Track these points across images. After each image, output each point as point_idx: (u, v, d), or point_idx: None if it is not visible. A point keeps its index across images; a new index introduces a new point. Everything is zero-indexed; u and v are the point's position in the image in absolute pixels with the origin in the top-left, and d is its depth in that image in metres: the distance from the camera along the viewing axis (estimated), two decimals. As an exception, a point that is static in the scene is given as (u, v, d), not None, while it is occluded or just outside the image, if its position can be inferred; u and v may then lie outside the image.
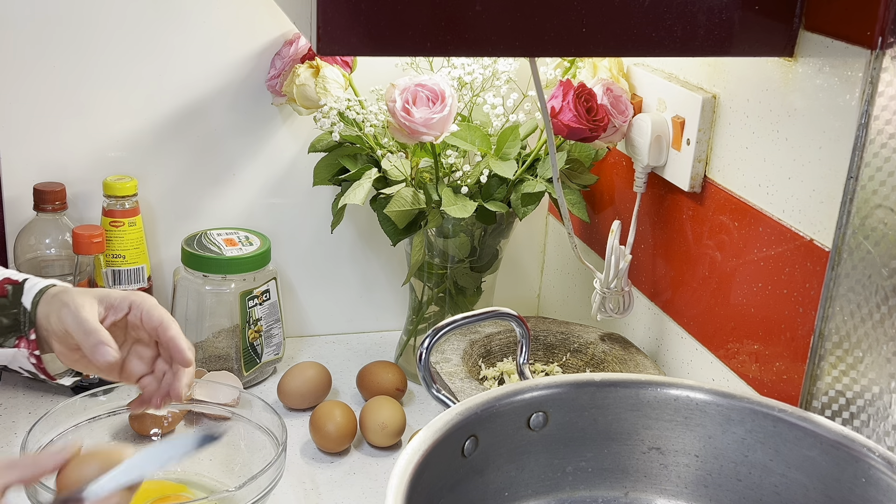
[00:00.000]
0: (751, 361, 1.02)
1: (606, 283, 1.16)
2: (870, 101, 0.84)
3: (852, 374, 0.89)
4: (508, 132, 1.17)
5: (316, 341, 1.40)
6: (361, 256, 1.40)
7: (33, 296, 0.91)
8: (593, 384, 0.91)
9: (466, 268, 1.26)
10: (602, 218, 1.29)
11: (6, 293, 0.92)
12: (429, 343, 0.89)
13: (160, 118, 1.26)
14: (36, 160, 1.23)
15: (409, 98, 1.09)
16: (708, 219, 1.07)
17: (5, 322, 0.92)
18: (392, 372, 1.23)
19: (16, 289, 0.92)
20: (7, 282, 0.93)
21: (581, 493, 0.92)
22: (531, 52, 0.90)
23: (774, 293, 0.97)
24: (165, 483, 1.05)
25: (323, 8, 0.77)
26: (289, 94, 1.22)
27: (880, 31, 0.82)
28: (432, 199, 1.17)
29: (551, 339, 1.20)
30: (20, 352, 0.92)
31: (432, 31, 0.81)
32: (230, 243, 1.24)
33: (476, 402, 0.85)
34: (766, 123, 0.97)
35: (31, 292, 0.92)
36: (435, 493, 0.81)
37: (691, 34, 0.86)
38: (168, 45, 1.23)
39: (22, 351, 0.92)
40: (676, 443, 0.91)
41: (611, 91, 1.13)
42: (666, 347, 1.17)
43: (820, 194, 0.91)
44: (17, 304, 0.91)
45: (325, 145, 1.24)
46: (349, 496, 1.08)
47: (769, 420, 0.87)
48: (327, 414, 1.13)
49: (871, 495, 0.80)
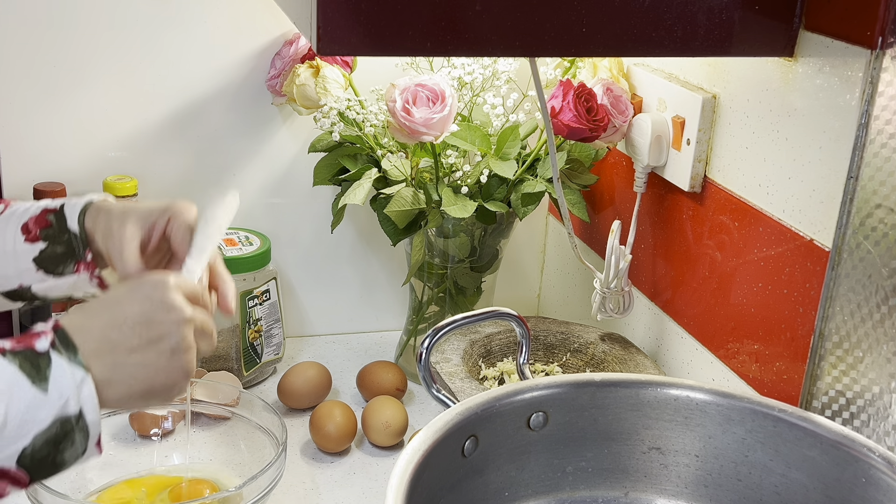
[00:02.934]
0: (751, 361, 1.02)
1: (606, 283, 1.16)
2: (870, 101, 0.84)
3: (852, 374, 0.89)
4: (508, 132, 1.17)
5: (316, 341, 1.40)
6: (361, 256, 1.40)
7: (77, 217, 0.90)
8: (593, 384, 0.91)
9: (466, 268, 1.26)
10: (602, 218, 1.29)
11: (50, 224, 0.90)
12: (429, 343, 0.89)
13: (160, 118, 1.26)
14: (36, 160, 1.23)
15: (409, 98, 1.09)
16: (708, 219, 1.07)
17: (60, 250, 0.89)
18: (392, 372, 1.23)
19: (58, 216, 0.90)
20: (46, 212, 0.91)
21: (581, 493, 0.92)
22: (531, 52, 0.90)
23: (774, 293, 0.97)
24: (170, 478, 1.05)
25: (323, 8, 0.77)
26: (289, 94, 1.22)
27: (880, 31, 0.82)
28: (432, 199, 1.17)
29: (551, 339, 1.20)
30: (81, 277, 0.90)
31: (432, 31, 0.81)
32: (230, 243, 1.24)
33: (476, 402, 0.85)
34: (766, 123, 0.97)
35: (73, 215, 0.90)
36: (435, 493, 0.81)
37: (691, 34, 0.86)
38: (168, 45, 1.23)
39: (83, 275, 0.90)
40: (676, 443, 0.91)
41: (611, 91, 1.13)
42: (666, 347, 1.17)
43: (820, 194, 0.91)
44: (64, 229, 0.89)
45: (325, 145, 1.24)
46: (349, 496, 1.08)
47: (769, 420, 0.87)
48: (327, 414, 1.13)
49: (871, 495, 0.80)
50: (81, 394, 0.70)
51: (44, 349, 0.70)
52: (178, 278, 0.78)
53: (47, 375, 0.69)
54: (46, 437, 0.69)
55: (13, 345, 0.70)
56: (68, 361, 0.70)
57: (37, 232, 0.90)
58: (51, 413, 0.69)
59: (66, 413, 0.70)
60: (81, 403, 0.70)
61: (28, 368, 0.69)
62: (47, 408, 0.69)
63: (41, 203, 0.92)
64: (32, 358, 0.70)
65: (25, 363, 0.69)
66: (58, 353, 0.70)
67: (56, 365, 0.70)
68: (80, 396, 0.70)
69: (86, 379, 0.71)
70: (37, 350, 0.70)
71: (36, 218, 0.90)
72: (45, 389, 0.69)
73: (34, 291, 0.91)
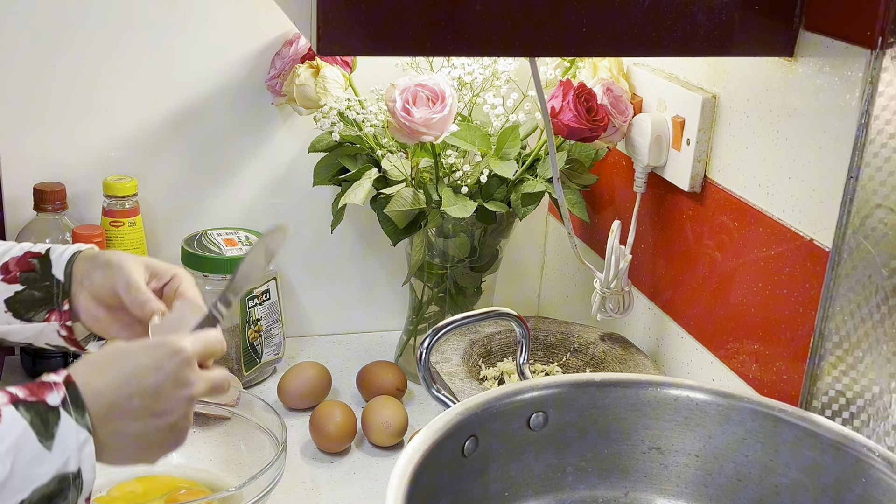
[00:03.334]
0: (751, 361, 1.02)
1: (606, 283, 1.16)
2: (870, 101, 0.84)
3: (852, 374, 0.89)
4: (508, 132, 1.17)
5: (316, 341, 1.40)
6: (361, 256, 1.40)
7: (64, 264, 0.90)
8: (593, 384, 0.91)
9: (466, 268, 1.26)
10: (602, 218, 1.29)
11: (33, 267, 0.90)
12: (429, 343, 0.89)
13: (160, 118, 1.26)
14: (36, 160, 1.23)
15: (409, 98, 1.09)
16: (708, 219, 1.07)
17: (37, 295, 0.89)
18: (392, 372, 1.23)
19: (42, 261, 0.90)
20: (29, 255, 0.90)
21: (581, 493, 0.92)
22: (531, 52, 0.90)
23: (774, 293, 0.97)
24: (175, 479, 1.05)
25: (323, 8, 0.77)
26: (289, 94, 1.22)
27: (880, 31, 0.82)
28: (432, 199, 1.17)
29: (551, 339, 1.20)
30: (49, 326, 0.90)
31: (432, 31, 0.81)
32: (230, 243, 1.24)
33: (476, 402, 0.85)
34: (766, 123, 0.97)
35: (60, 261, 0.90)
36: (435, 493, 0.81)
37: (691, 34, 0.86)
38: (168, 46, 1.23)
39: (52, 325, 0.90)
40: (676, 443, 0.91)
41: (611, 91, 1.13)
42: (666, 347, 1.17)
43: (820, 194, 0.91)
44: (48, 276, 0.89)
45: (325, 145, 1.24)
46: (349, 496, 1.08)
47: (769, 420, 0.87)
48: (327, 414, 1.13)
49: (871, 495, 0.80)
50: (83, 453, 0.72)
51: (55, 404, 0.71)
52: (198, 342, 0.79)
53: (54, 433, 0.70)
54: (44, 492, 0.70)
55: (26, 395, 0.71)
56: (76, 422, 0.71)
57: (17, 273, 0.90)
58: (52, 469, 0.70)
59: (66, 471, 0.71)
60: (81, 463, 0.72)
61: (38, 425, 0.70)
62: (49, 464, 0.70)
63: (23, 245, 0.92)
64: (43, 413, 0.70)
65: (36, 419, 0.70)
66: (67, 412, 0.71)
67: (64, 423, 0.71)
68: (81, 456, 0.71)
69: (89, 440, 0.72)
70: (48, 404, 0.71)
71: (18, 259, 0.90)
72: (49, 447, 0.70)
73: None
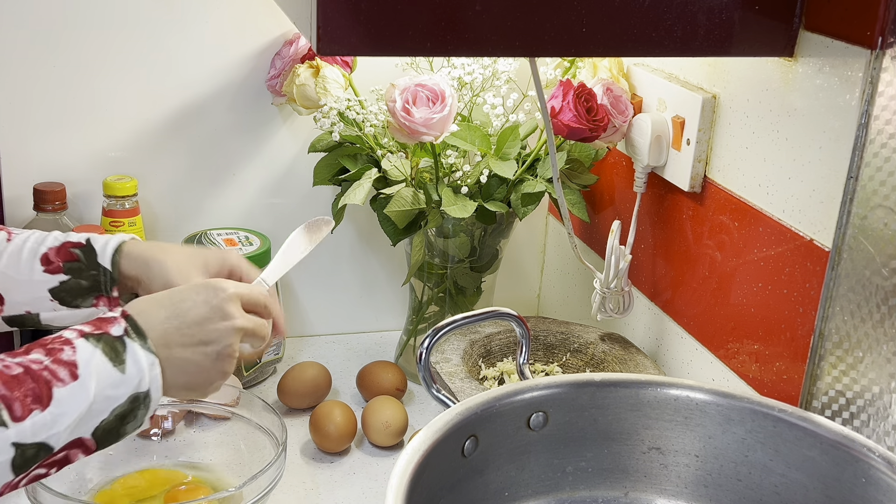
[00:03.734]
0: (751, 361, 1.02)
1: (606, 283, 1.16)
2: (870, 101, 0.84)
3: (852, 374, 0.89)
4: (508, 132, 1.17)
5: (316, 341, 1.40)
6: (361, 256, 1.40)
7: (111, 255, 0.92)
8: (593, 384, 0.91)
9: (466, 268, 1.26)
10: (602, 218, 1.29)
11: (76, 257, 0.92)
12: (429, 343, 0.89)
13: (160, 118, 1.26)
14: (36, 160, 1.23)
15: (409, 98, 1.09)
16: (708, 219, 1.07)
17: (84, 284, 0.92)
18: (392, 372, 1.23)
19: (85, 251, 0.92)
20: (69, 245, 0.93)
21: (581, 493, 0.92)
22: (531, 52, 0.90)
23: (774, 293, 0.97)
24: (176, 472, 1.06)
25: (323, 8, 0.77)
26: (289, 94, 1.22)
27: (880, 31, 0.82)
28: (432, 199, 1.17)
29: (551, 339, 1.20)
30: (98, 311, 0.92)
31: (432, 31, 0.81)
32: (230, 243, 1.24)
33: (476, 402, 0.85)
34: (766, 123, 0.97)
35: (105, 252, 0.92)
36: (435, 493, 0.81)
37: (691, 34, 0.86)
38: (168, 45, 1.23)
39: (101, 309, 0.92)
40: (676, 443, 0.91)
41: (611, 91, 1.13)
42: (666, 347, 1.17)
43: (820, 194, 0.91)
44: (94, 265, 0.92)
45: (325, 145, 1.24)
46: (349, 496, 1.08)
47: (769, 420, 0.87)
48: (327, 414, 1.13)
49: (871, 495, 0.80)
50: (152, 374, 0.78)
51: (119, 334, 0.78)
52: (240, 287, 0.85)
53: (125, 358, 0.77)
54: (120, 411, 0.77)
55: (91, 329, 0.78)
56: (141, 347, 0.78)
57: (59, 263, 0.92)
58: (128, 391, 0.77)
59: (138, 391, 0.77)
60: (151, 383, 0.78)
61: (109, 352, 0.76)
62: (125, 386, 0.77)
63: (59, 235, 0.94)
64: (111, 342, 0.77)
65: (107, 347, 0.76)
66: (131, 339, 0.78)
67: (131, 349, 0.77)
68: (151, 376, 0.78)
69: (155, 362, 0.78)
70: (112, 335, 0.78)
71: (58, 249, 0.92)
72: (123, 370, 0.77)
73: (41, 319, 0.93)
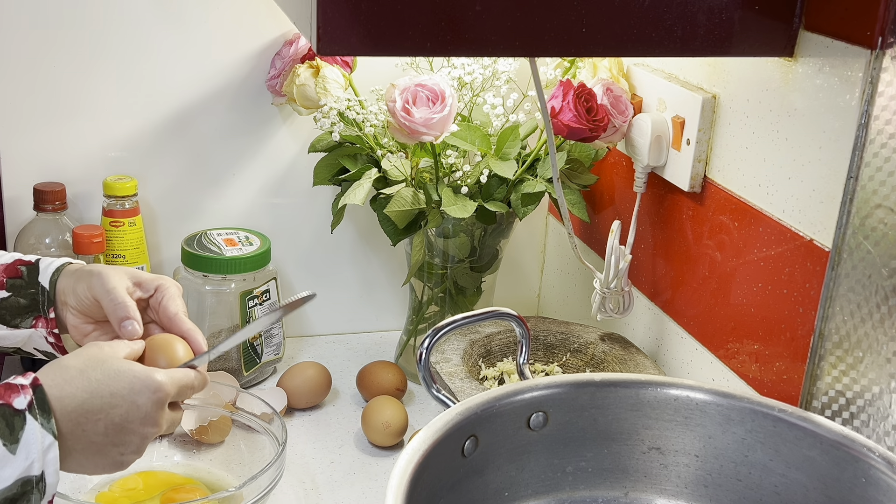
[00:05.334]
0: (751, 361, 1.02)
1: (606, 283, 1.16)
2: (870, 101, 0.84)
3: (852, 374, 0.89)
4: (508, 132, 1.17)
5: (316, 341, 1.40)
6: (361, 256, 1.40)
7: (51, 273, 0.91)
8: (593, 384, 0.91)
9: (466, 268, 1.26)
10: (602, 218, 1.29)
11: (20, 274, 0.91)
12: (429, 343, 0.89)
13: (160, 118, 1.26)
14: (36, 160, 1.23)
15: (409, 98, 1.09)
16: (708, 219, 1.07)
17: (23, 302, 0.91)
18: (392, 372, 1.23)
19: (30, 269, 0.91)
20: (19, 263, 0.92)
21: (581, 493, 0.92)
22: (531, 52, 0.90)
23: (774, 293, 0.97)
24: (174, 475, 1.05)
25: (323, 8, 0.77)
26: (289, 94, 1.22)
27: (880, 31, 0.82)
28: (432, 199, 1.17)
29: (551, 339, 1.20)
30: (37, 332, 0.91)
31: (432, 31, 0.81)
32: (230, 243, 1.24)
33: (476, 402, 0.85)
34: (766, 123, 0.97)
35: (48, 270, 0.91)
36: (435, 493, 0.81)
37: (691, 34, 0.86)
38: (168, 45, 1.23)
39: (39, 331, 0.91)
40: (676, 443, 0.91)
41: (611, 91, 1.13)
42: (666, 347, 1.17)
43: (820, 194, 0.91)
44: (34, 283, 0.91)
45: (325, 145, 1.24)
46: (349, 496, 1.08)
47: (769, 420, 0.87)
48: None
49: (871, 495, 0.80)
50: (47, 458, 0.73)
51: (21, 408, 0.72)
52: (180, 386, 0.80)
53: (19, 437, 0.71)
54: (6, 495, 0.71)
55: None
56: (41, 426, 0.72)
57: (3, 280, 0.91)
58: (15, 473, 0.71)
59: (29, 474, 0.72)
60: (45, 467, 0.73)
61: (3, 428, 0.71)
62: (12, 468, 0.71)
63: (15, 254, 0.93)
64: (9, 417, 0.71)
65: (1, 422, 0.71)
66: (33, 416, 0.72)
67: (29, 427, 0.72)
68: (45, 460, 0.73)
69: (53, 445, 0.73)
70: (14, 408, 0.72)
71: (6, 266, 0.92)
72: (13, 451, 0.71)
73: None
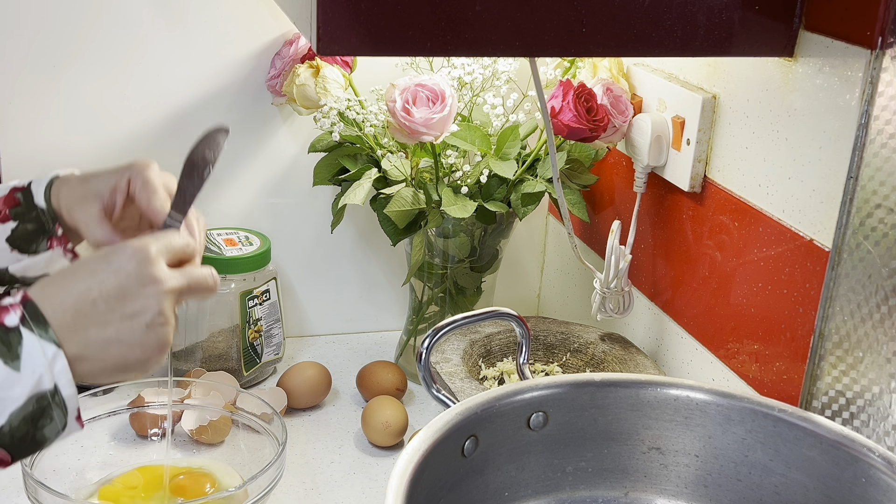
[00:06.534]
0: (751, 361, 1.02)
1: (606, 283, 1.16)
2: (870, 101, 0.84)
3: (852, 374, 0.89)
4: (508, 132, 1.17)
5: (316, 341, 1.40)
6: (361, 256, 1.40)
7: (43, 193, 0.89)
8: (593, 384, 0.91)
9: (466, 268, 1.26)
10: (602, 218, 1.29)
11: (18, 202, 0.89)
12: (429, 343, 0.89)
13: (160, 118, 1.26)
14: (36, 160, 1.23)
15: (409, 98, 1.09)
16: (708, 219, 1.07)
17: (31, 227, 0.89)
18: (392, 372, 1.23)
19: (25, 193, 0.90)
20: (14, 190, 0.90)
21: (581, 493, 0.92)
22: (531, 52, 0.90)
23: (774, 293, 0.97)
24: (176, 468, 1.06)
25: (323, 8, 0.77)
26: (289, 94, 1.22)
27: (880, 31, 0.82)
28: (432, 199, 1.17)
29: (551, 339, 1.20)
30: (55, 252, 0.89)
31: (432, 31, 0.81)
32: (230, 243, 1.24)
33: (476, 402, 0.85)
34: (766, 123, 0.97)
35: (39, 192, 0.89)
36: (435, 493, 0.81)
37: (691, 34, 0.86)
38: (168, 45, 1.23)
39: (57, 251, 0.89)
40: (676, 443, 0.91)
41: (611, 91, 1.13)
42: (666, 347, 1.17)
43: (820, 194, 0.91)
44: (32, 206, 0.89)
45: (325, 145, 1.24)
46: (349, 496, 1.08)
47: (769, 420, 0.87)
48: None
49: (871, 495, 0.80)
50: (55, 369, 0.69)
51: (13, 324, 0.69)
52: (160, 241, 0.75)
53: (19, 353, 0.68)
54: (23, 414, 0.68)
55: None
56: (39, 338, 0.69)
57: (6, 211, 0.88)
58: (25, 391, 0.68)
59: (40, 389, 0.68)
60: (56, 379, 0.69)
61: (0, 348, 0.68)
62: (20, 386, 0.68)
63: (10, 183, 0.90)
64: (3, 335, 0.68)
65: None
66: (28, 330, 0.69)
67: (27, 341, 0.68)
68: (54, 372, 0.69)
69: (58, 354, 0.69)
70: (6, 326, 0.68)
71: (4, 198, 0.89)
72: (17, 368, 0.68)
73: (12, 273, 0.90)
